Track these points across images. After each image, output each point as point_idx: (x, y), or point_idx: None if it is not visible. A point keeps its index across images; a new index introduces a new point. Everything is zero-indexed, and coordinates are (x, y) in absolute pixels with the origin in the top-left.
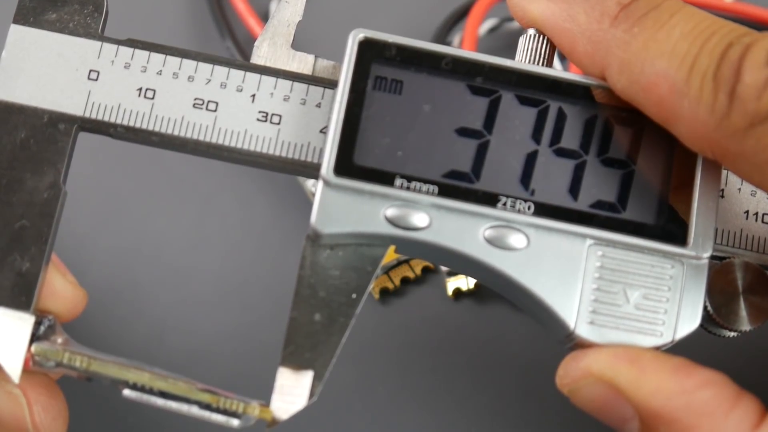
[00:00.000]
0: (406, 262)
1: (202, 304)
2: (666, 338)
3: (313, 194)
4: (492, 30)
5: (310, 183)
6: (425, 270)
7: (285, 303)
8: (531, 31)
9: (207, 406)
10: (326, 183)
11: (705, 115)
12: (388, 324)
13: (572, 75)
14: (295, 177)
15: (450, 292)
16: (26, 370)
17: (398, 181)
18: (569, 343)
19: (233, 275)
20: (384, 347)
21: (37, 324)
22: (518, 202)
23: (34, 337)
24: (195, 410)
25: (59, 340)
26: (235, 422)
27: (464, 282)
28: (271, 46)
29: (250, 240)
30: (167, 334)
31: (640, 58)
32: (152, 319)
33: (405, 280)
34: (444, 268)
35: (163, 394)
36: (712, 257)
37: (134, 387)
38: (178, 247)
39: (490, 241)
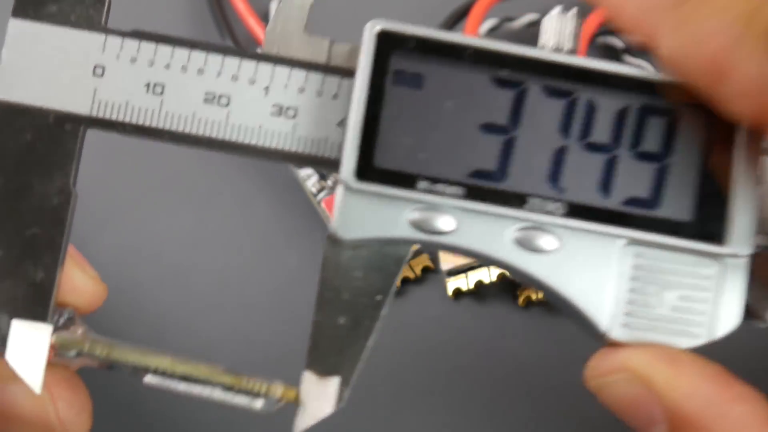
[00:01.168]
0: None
1: (202, 304)
2: (703, 339)
3: (314, 194)
4: (492, 30)
5: (310, 183)
6: (425, 270)
7: (285, 303)
8: (555, 11)
9: (230, 388)
10: (347, 188)
11: (756, 72)
12: (388, 324)
13: (601, 63)
14: (295, 177)
15: (450, 292)
16: (48, 363)
17: (421, 184)
18: (603, 343)
19: (233, 275)
20: (384, 347)
21: (57, 316)
22: (548, 202)
23: (54, 329)
24: (218, 393)
25: (78, 332)
26: (258, 403)
27: (464, 282)
28: (283, 31)
29: (250, 240)
30: (167, 334)
31: (692, 17)
32: (152, 319)
33: (405, 280)
34: (444, 268)
35: (185, 378)
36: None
37: (156, 372)
38: (179, 247)
39: (520, 244)
